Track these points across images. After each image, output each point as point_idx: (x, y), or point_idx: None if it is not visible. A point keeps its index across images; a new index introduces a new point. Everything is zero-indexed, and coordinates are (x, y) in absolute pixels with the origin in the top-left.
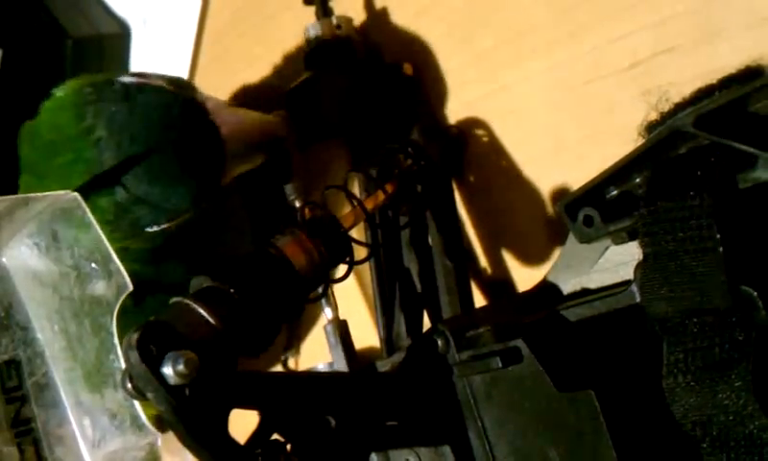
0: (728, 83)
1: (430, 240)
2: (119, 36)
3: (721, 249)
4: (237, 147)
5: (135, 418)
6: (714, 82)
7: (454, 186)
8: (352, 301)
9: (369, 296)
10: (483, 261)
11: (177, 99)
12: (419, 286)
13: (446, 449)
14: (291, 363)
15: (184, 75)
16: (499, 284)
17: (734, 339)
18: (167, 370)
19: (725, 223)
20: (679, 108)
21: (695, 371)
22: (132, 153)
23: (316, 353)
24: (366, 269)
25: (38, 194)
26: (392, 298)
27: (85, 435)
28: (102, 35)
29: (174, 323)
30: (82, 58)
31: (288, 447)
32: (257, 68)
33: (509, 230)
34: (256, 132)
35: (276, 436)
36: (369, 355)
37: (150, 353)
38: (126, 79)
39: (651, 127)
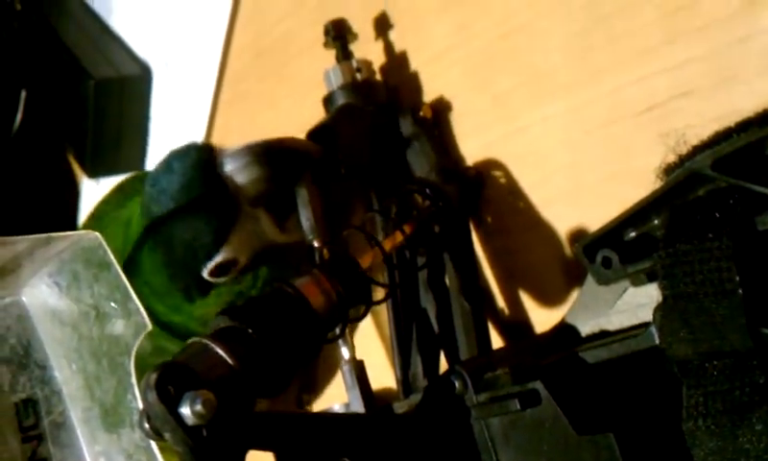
0: (745, 126)
1: (447, 281)
2: (141, 79)
3: (741, 291)
4: (247, 173)
5: (152, 459)
6: (732, 125)
7: (471, 227)
8: (370, 341)
9: (386, 337)
10: (500, 302)
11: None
12: (436, 327)
13: None
14: (307, 405)
15: (204, 117)
16: (517, 326)
17: (755, 382)
18: (185, 410)
19: (744, 265)
20: (697, 150)
21: (715, 414)
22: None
23: (333, 395)
24: (384, 309)
25: (60, 233)
26: (409, 339)
27: None
28: (124, 76)
29: (192, 362)
30: (103, 99)
31: None
32: (277, 110)
33: (526, 271)
34: (267, 151)
35: None
36: (386, 397)
37: (168, 394)
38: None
39: (669, 169)
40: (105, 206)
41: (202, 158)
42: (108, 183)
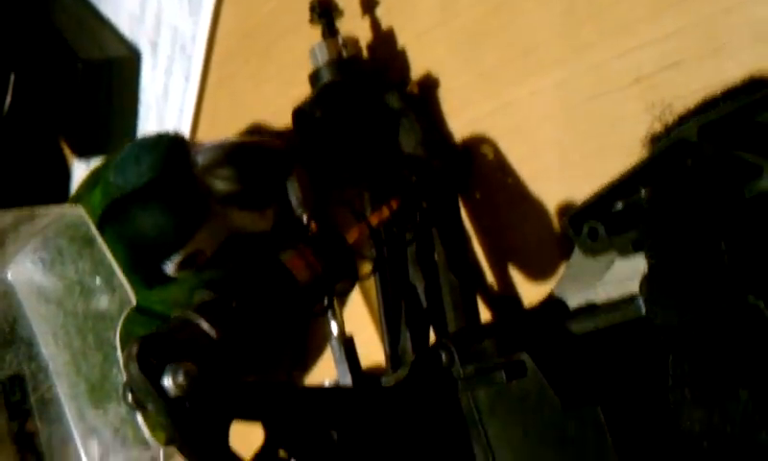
0: (732, 94)
1: (436, 256)
2: (129, 60)
3: (727, 259)
4: (220, 172)
5: (138, 432)
6: (719, 93)
7: (460, 203)
8: (360, 317)
9: (376, 312)
10: (489, 277)
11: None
12: (424, 302)
13: None
14: (298, 382)
15: (192, 99)
16: (505, 300)
17: (741, 350)
18: (167, 382)
19: (730, 233)
20: (683, 119)
21: (702, 383)
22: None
23: (323, 373)
24: (373, 285)
25: (44, 208)
26: (397, 314)
27: (89, 451)
28: (112, 58)
29: (174, 335)
30: (92, 80)
31: None
32: (264, 91)
33: (515, 245)
34: (240, 150)
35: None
36: (375, 371)
37: (150, 365)
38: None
39: (656, 138)
40: (80, 190)
41: (172, 152)
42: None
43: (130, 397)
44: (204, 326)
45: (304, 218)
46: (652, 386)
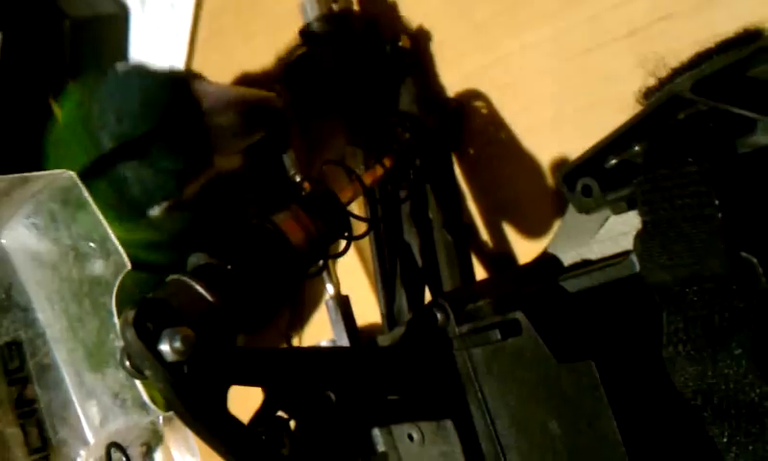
0: (726, 47)
1: (430, 214)
2: (117, 17)
3: (720, 215)
4: (223, 119)
5: (137, 397)
6: (712, 46)
7: (453, 159)
8: (355, 277)
9: (371, 272)
10: (483, 234)
11: (157, 78)
12: (419, 261)
13: (448, 423)
14: (295, 342)
15: (182, 54)
16: (500, 257)
17: (734, 307)
18: (164, 346)
19: (724, 189)
20: (677, 73)
21: (695, 340)
22: (123, 133)
23: (320, 333)
24: (368, 245)
25: (36, 173)
26: (392, 273)
27: (89, 415)
28: (100, 15)
29: (170, 300)
30: (80, 38)
31: (291, 423)
32: (254, 45)
33: (509, 202)
34: (244, 104)
35: (280, 413)
36: (371, 331)
37: (146, 331)
38: (120, 67)
39: (649, 93)
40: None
41: (179, 91)
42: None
43: (127, 363)
44: (201, 290)
45: (297, 178)
46: (646, 342)
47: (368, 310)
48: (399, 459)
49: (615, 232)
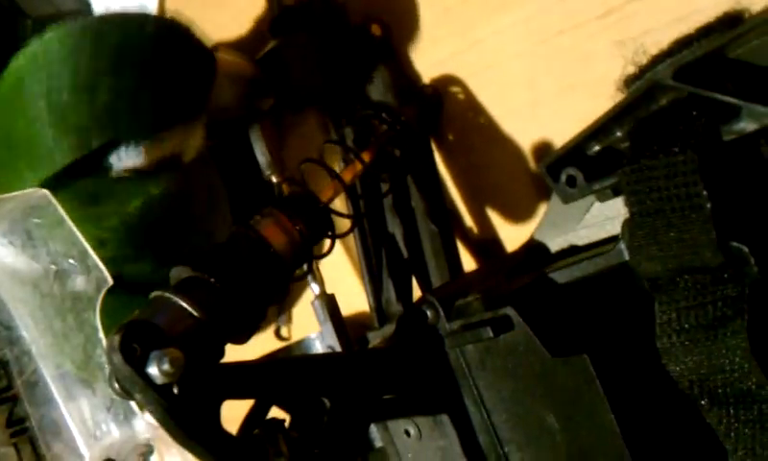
0: (706, 31)
1: (413, 204)
2: (80, 13)
3: (709, 205)
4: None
5: (130, 409)
6: (692, 31)
7: (433, 147)
8: (338, 268)
9: (354, 260)
10: (468, 221)
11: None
12: (405, 252)
13: (444, 418)
14: (284, 331)
15: None
16: (486, 243)
17: (727, 296)
18: (152, 370)
19: (711, 178)
20: (657, 60)
21: (689, 330)
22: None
23: (309, 319)
24: (351, 237)
25: (7, 195)
26: (379, 265)
27: (82, 429)
28: (61, 12)
29: (156, 319)
30: None
31: (286, 422)
32: (221, 37)
33: (491, 187)
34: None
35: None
36: (359, 321)
37: (133, 354)
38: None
39: (629, 81)
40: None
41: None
42: None
43: (116, 385)
44: (187, 306)
45: (273, 178)
46: (640, 331)
47: (353, 300)
48: (397, 454)
49: (602, 217)
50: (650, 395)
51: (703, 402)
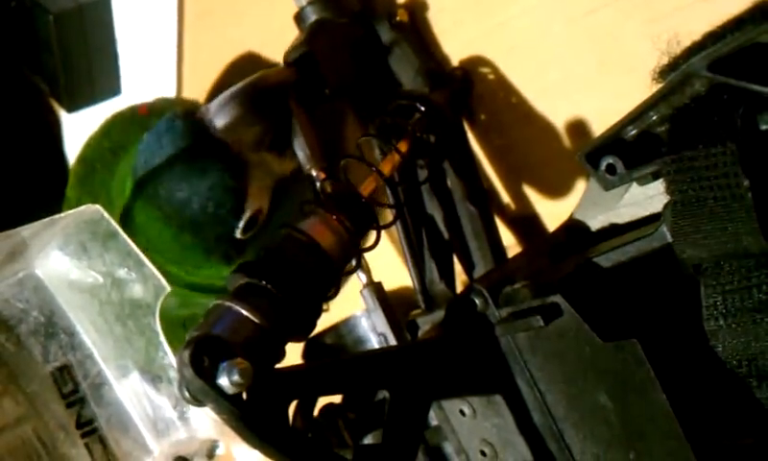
0: (739, 23)
1: (450, 187)
2: (100, 5)
3: (750, 195)
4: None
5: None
6: (726, 22)
7: (467, 129)
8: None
9: (394, 238)
10: (506, 199)
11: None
12: (446, 234)
13: (498, 398)
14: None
15: (172, 35)
16: (525, 220)
17: None
18: (223, 381)
19: (750, 168)
20: (691, 51)
21: (735, 313)
22: None
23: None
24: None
25: (62, 214)
26: (420, 248)
27: (149, 426)
28: (82, 5)
29: (218, 328)
30: (65, 31)
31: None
32: (246, 24)
33: (527, 164)
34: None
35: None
36: (403, 298)
37: (203, 368)
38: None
39: (664, 72)
40: (92, 152)
41: (190, 126)
42: (85, 114)
43: (186, 394)
44: (248, 314)
45: (313, 173)
46: (686, 312)
47: (395, 275)
48: (453, 431)
49: (642, 196)
50: (700, 373)
51: (752, 380)
